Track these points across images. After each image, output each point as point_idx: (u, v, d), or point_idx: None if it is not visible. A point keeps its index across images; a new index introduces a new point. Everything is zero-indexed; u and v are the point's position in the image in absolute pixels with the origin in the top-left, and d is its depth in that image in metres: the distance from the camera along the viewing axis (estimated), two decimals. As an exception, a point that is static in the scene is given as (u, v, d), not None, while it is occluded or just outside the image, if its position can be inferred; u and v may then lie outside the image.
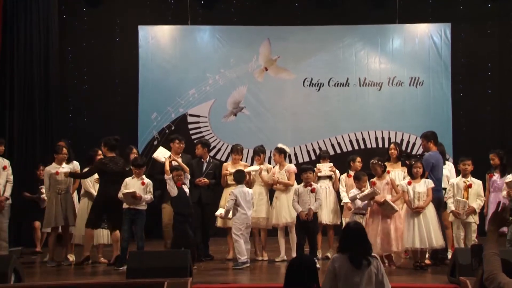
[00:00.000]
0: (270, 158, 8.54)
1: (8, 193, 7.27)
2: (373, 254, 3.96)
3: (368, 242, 4.01)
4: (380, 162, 7.02)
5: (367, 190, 6.78)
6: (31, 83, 9.32)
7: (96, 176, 7.42)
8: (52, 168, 7.37)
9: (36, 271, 6.89)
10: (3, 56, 8.90)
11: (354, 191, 6.93)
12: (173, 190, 6.95)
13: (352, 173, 7.50)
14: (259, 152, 7.78)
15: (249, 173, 7.58)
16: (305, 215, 6.77)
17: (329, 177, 7.71)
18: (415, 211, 6.70)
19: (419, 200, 6.71)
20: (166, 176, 7.03)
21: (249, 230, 7.12)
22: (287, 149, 7.78)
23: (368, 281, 3.83)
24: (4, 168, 7.30)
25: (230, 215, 7.06)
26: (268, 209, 7.53)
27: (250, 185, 7.50)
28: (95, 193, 7.36)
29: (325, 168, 7.65)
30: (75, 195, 7.69)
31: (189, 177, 7.22)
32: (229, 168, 7.68)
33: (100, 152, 7.51)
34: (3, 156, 7.47)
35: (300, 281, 3.34)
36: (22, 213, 8.45)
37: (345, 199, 7.48)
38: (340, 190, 7.68)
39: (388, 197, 6.77)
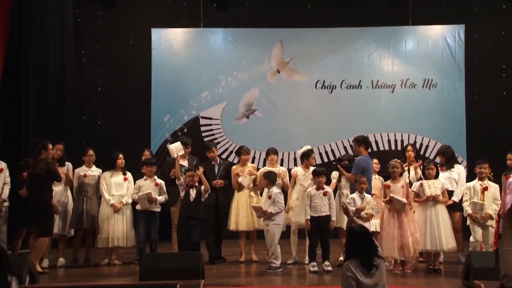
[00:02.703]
0: (282, 160, 8.52)
1: (5, 195, 7.22)
2: (380, 254, 3.93)
3: (375, 242, 3.98)
4: (400, 162, 6.97)
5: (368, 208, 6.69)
6: (46, 86, 9.39)
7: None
8: (81, 170, 7.51)
9: (49, 273, 6.93)
10: (18, 59, 8.98)
11: (355, 196, 6.75)
12: (181, 193, 6.99)
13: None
14: (271, 152, 7.70)
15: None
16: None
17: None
18: (427, 202, 6.68)
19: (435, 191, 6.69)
20: (177, 182, 7.05)
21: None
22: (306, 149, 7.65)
23: (380, 282, 3.81)
24: (1, 170, 7.25)
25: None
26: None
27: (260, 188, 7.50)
28: (107, 197, 7.39)
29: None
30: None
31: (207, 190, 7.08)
32: (239, 170, 7.64)
33: (121, 155, 7.54)
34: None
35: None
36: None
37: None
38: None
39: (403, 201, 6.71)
